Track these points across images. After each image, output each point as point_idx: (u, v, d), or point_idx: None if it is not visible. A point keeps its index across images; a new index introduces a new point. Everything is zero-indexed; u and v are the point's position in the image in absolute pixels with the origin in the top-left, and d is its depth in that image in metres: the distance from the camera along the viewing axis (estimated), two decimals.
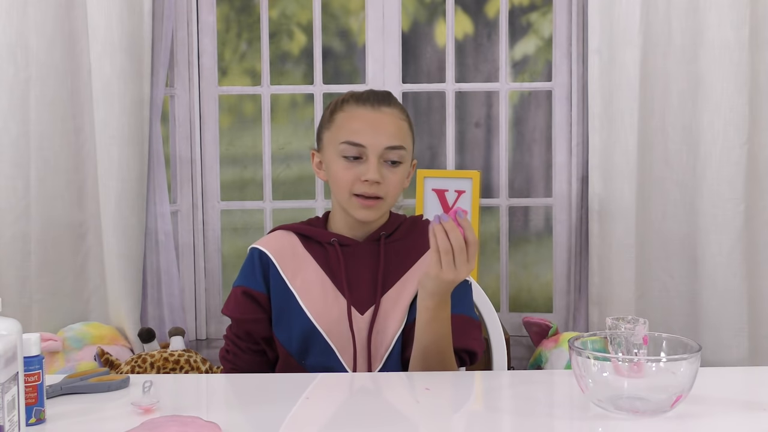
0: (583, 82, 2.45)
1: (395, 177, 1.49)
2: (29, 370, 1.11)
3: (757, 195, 2.30)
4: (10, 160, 2.32)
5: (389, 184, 1.48)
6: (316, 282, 1.50)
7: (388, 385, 1.37)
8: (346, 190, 1.48)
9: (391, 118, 1.49)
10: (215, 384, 1.38)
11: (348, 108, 1.50)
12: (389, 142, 1.47)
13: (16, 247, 2.33)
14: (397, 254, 1.52)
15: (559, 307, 2.55)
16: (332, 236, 1.53)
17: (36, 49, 2.31)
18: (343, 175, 1.48)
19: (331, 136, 1.51)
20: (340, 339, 1.48)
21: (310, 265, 1.52)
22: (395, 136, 1.48)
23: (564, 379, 1.43)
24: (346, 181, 1.48)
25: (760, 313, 2.32)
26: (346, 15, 2.70)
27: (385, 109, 1.50)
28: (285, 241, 1.55)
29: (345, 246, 1.52)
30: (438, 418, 1.21)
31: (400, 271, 1.51)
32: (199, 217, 2.56)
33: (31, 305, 2.36)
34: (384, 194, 1.48)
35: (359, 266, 1.50)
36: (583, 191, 2.47)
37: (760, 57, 2.26)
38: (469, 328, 1.49)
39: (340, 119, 1.50)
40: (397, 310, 1.48)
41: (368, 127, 1.47)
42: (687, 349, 1.17)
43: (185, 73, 2.53)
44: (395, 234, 1.54)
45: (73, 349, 2.25)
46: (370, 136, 1.46)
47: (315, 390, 1.34)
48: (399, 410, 1.23)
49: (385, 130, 1.48)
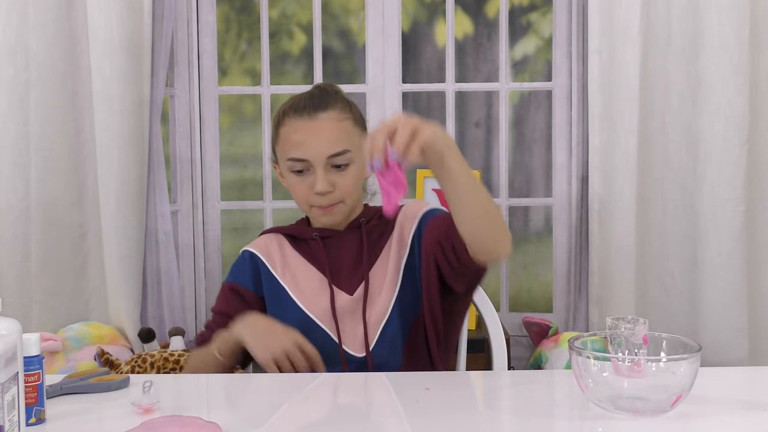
0: (583, 82, 2.45)
1: (346, 180, 1.48)
2: (29, 370, 1.11)
3: (757, 195, 2.29)
4: (10, 160, 2.32)
5: (342, 188, 1.48)
6: (304, 275, 1.53)
7: (388, 385, 1.37)
8: (303, 202, 1.52)
9: (330, 123, 1.47)
10: (215, 384, 1.38)
11: (288, 121, 1.50)
12: (330, 149, 1.46)
13: (16, 248, 2.33)
14: (377, 235, 1.55)
15: (559, 307, 2.55)
16: (314, 231, 1.55)
17: (36, 50, 2.31)
18: (297, 189, 1.51)
19: (280, 151, 1.52)
20: (332, 323, 1.49)
21: (298, 261, 1.55)
22: (336, 142, 1.47)
23: (564, 379, 1.43)
24: (300, 195, 1.50)
25: (760, 313, 2.32)
26: (346, 15, 2.70)
27: (321, 115, 1.48)
28: (273, 242, 1.58)
29: (327, 238, 1.55)
30: (438, 418, 1.21)
31: (381, 247, 1.53)
32: (199, 217, 2.56)
33: (31, 305, 2.36)
34: (340, 197, 1.49)
35: (344, 252, 1.54)
36: (583, 191, 2.47)
37: (760, 57, 2.26)
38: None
39: (283, 134, 1.51)
40: (387, 280, 1.50)
41: (307, 138, 1.47)
42: (687, 349, 1.17)
43: (185, 73, 2.53)
44: (372, 221, 1.57)
45: (73, 349, 2.25)
46: (311, 148, 1.46)
47: (315, 390, 1.34)
48: (399, 410, 1.23)
49: (324, 138, 1.46)
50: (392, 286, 1.50)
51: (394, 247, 1.54)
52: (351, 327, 1.50)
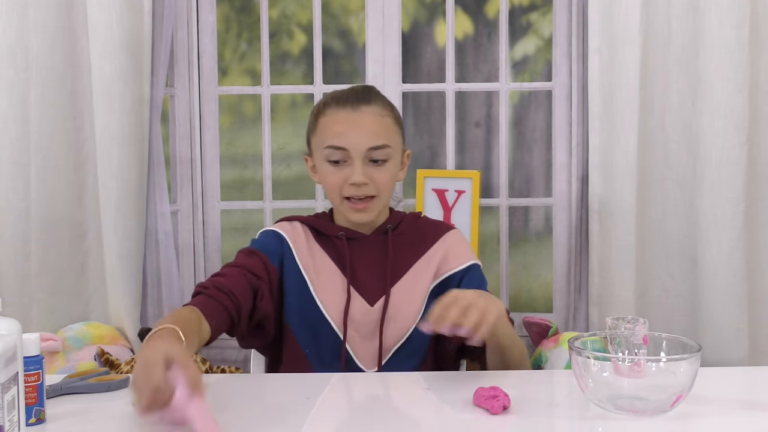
0: (583, 82, 2.45)
1: (383, 175, 1.49)
2: (29, 370, 1.11)
3: (757, 195, 2.29)
4: (10, 160, 2.32)
5: (378, 183, 1.48)
6: (328, 274, 1.51)
7: (388, 385, 1.37)
8: (336, 194, 1.49)
9: (372, 117, 1.48)
10: (215, 384, 1.38)
11: (329, 111, 1.50)
12: (371, 142, 1.46)
13: (16, 247, 2.33)
14: (403, 247, 1.54)
15: (559, 307, 2.55)
16: (340, 230, 1.54)
17: (36, 50, 2.31)
18: (331, 179, 1.49)
19: (317, 141, 1.52)
20: (350, 331, 1.48)
21: (323, 257, 1.52)
22: (377, 136, 1.47)
23: (564, 379, 1.43)
24: (334, 185, 1.48)
25: (760, 313, 2.32)
26: (346, 15, 2.70)
27: (364, 108, 1.48)
28: (299, 229, 1.55)
29: (352, 239, 1.53)
30: (438, 418, 1.21)
31: (407, 262, 1.52)
32: (199, 217, 2.56)
33: (31, 305, 2.36)
34: (375, 192, 1.48)
35: (368, 259, 1.52)
36: (583, 191, 2.47)
37: (760, 57, 2.26)
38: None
39: (322, 123, 1.51)
40: (410, 302, 1.49)
41: (349, 128, 1.47)
42: (687, 349, 1.17)
43: (185, 73, 2.53)
44: (399, 228, 1.55)
45: (73, 349, 2.25)
46: (352, 138, 1.46)
47: (315, 390, 1.34)
48: (399, 410, 1.23)
49: (367, 130, 1.47)
50: (416, 309, 1.49)
51: (424, 269, 1.52)
52: (364, 341, 1.49)
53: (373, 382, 1.41)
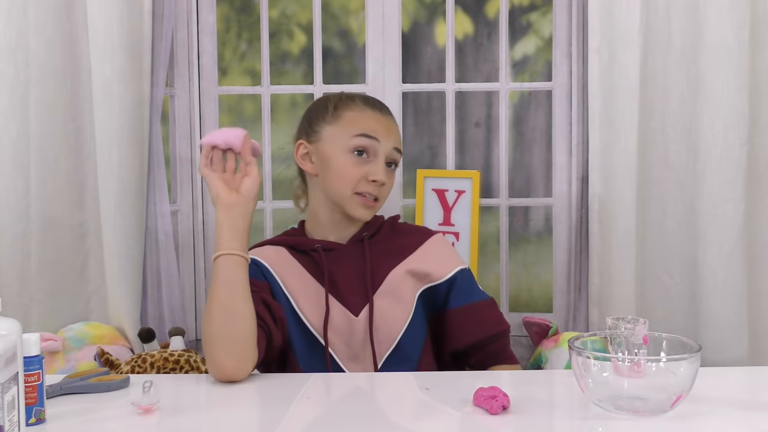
0: (583, 82, 2.46)
1: (392, 180, 1.58)
2: (29, 370, 1.11)
3: (757, 195, 2.29)
4: (10, 160, 2.32)
5: (387, 187, 1.54)
6: (309, 289, 1.50)
7: (388, 385, 1.37)
8: (349, 186, 1.50)
9: (395, 126, 1.59)
10: (215, 384, 1.38)
11: (357, 108, 1.55)
12: (396, 143, 1.56)
13: (16, 247, 2.33)
14: (382, 253, 1.54)
15: (559, 307, 2.55)
16: (315, 242, 1.53)
17: (36, 50, 2.31)
18: (352, 171, 1.50)
19: (338, 131, 1.53)
20: (339, 344, 1.48)
21: (302, 274, 1.52)
22: (399, 141, 1.58)
23: (564, 379, 1.43)
24: (353, 177, 1.50)
25: (760, 313, 2.32)
26: (346, 15, 2.70)
27: (390, 118, 1.59)
28: (274, 252, 1.56)
29: (330, 250, 1.53)
30: (438, 418, 1.21)
31: (387, 268, 1.52)
32: (199, 217, 2.56)
33: (31, 305, 2.36)
34: (384, 195, 1.52)
35: (347, 268, 1.51)
36: (583, 191, 2.47)
37: (760, 57, 2.26)
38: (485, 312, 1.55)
39: (350, 116, 1.53)
40: (396, 308, 1.49)
41: (381, 127, 1.55)
42: (687, 349, 1.17)
43: (185, 73, 2.53)
44: (378, 235, 1.56)
45: (73, 349, 2.25)
46: (383, 136, 1.52)
47: (315, 390, 1.34)
48: (399, 410, 1.24)
49: (393, 134, 1.57)
50: (403, 315, 1.50)
51: (408, 274, 1.52)
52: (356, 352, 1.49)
53: (373, 382, 1.41)
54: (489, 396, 1.17)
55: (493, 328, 1.54)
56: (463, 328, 1.52)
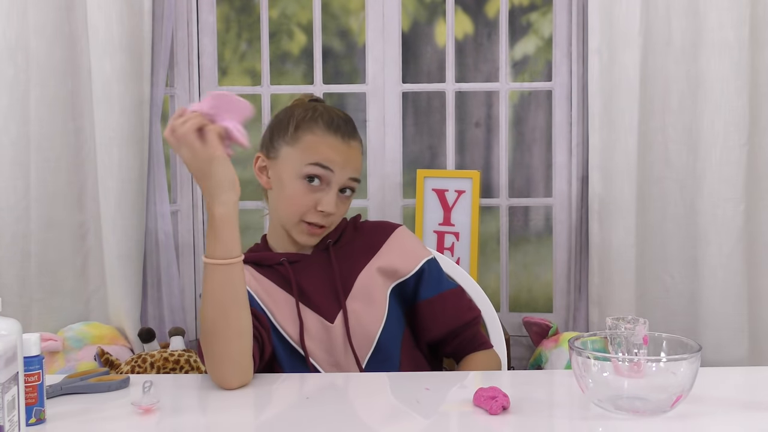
0: (583, 82, 2.46)
1: (345, 207, 1.52)
2: (29, 370, 1.11)
3: (757, 195, 2.30)
4: (10, 160, 2.32)
5: (337, 215, 1.50)
6: (282, 302, 1.49)
7: (388, 385, 1.37)
8: (296, 214, 1.47)
9: (356, 152, 1.51)
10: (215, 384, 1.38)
11: (319, 132, 1.48)
12: (353, 173, 1.49)
13: (16, 247, 2.33)
14: (348, 257, 1.52)
15: (559, 307, 2.55)
16: (280, 256, 1.52)
17: (36, 50, 2.31)
18: (301, 199, 1.46)
19: (295, 154, 1.48)
20: (319, 352, 1.48)
21: (272, 287, 1.50)
22: (357, 170, 1.51)
23: (564, 379, 1.43)
24: (300, 205, 1.46)
25: (760, 313, 2.32)
26: (346, 15, 2.70)
27: (352, 143, 1.50)
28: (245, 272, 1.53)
29: (295, 262, 1.51)
30: (438, 418, 1.21)
31: (356, 270, 1.51)
32: (199, 217, 2.56)
33: (31, 305, 2.36)
34: (332, 222, 1.49)
35: (314, 278, 1.50)
36: (583, 191, 2.47)
37: (760, 57, 2.26)
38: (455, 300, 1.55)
39: (309, 140, 1.48)
40: (371, 308, 1.49)
41: (339, 157, 1.47)
42: (687, 349, 1.17)
43: (185, 73, 2.53)
44: (342, 239, 1.55)
45: (73, 349, 2.25)
46: (339, 167, 1.47)
47: (315, 390, 1.34)
48: (399, 410, 1.23)
49: (352, 164, 1.49)
50: (378, 314, 1.49)
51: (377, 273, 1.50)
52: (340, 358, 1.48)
53: (373, 381, 1.41)
54: (489, 396, 1.17)
55: (463, 316, 1.54)
56: (434, 319, 1.52)
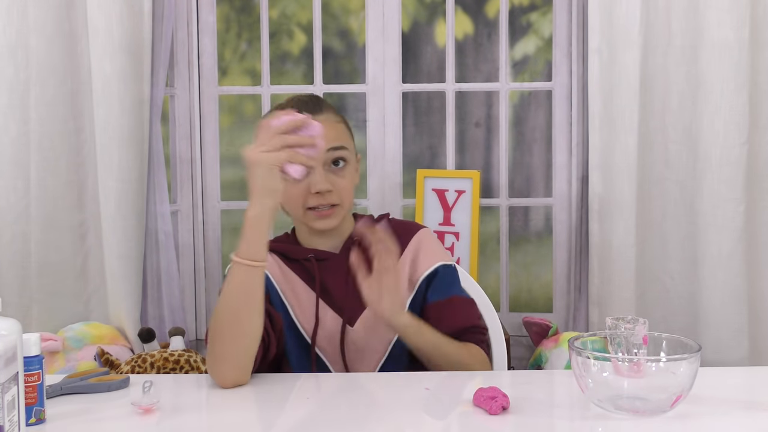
0: (583, 82, 2.45)
1: (344, 180, 1.47)
2: (29, 370, 1.11)
3: (757, 195, 2.29)
4: (10, 160, 2.32)
5: (340, 189, 1.46)
6: (306, 299, 1.48)
7: (388, 385, 1.37)
8: (298, 205, 1.46)
9: (327, 123, 1.44)
10: (212, 385, 1.38)
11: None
12: (332, 143, 1.45)
13: (16, 247, 2.33)
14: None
15: (559, 307, 2.55)
16: (308, 252, 1.51)
17: (36, 50, 2.31)
18: (293, 191, 1.44)
19: None
20: (335, 355, 1.47)
21: (297, 283, 1.50)
22: (334, 138, 1.46)
23: (564, 379, 1.43)
24: (296, 196, 1.45)
25: (760, 313, 2.32)
26: (346, 15, 2.70)
27: (320, 117, 1.45)
28: (270, 258, 1.51)
29: (322, 260, 1.50)
30: (437, 418, 1.21)
31: None
32: (199, 217, 2.56)
33: (31, 305, 2.36)
34: (338, 200, 1.47)
35: (340, 278, 1.49)
36: (583, 191, 2.47)
37: (760, 57, 2.26)
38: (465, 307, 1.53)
39: None
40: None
41: None
42: (687, 349, 1.17)
43: (185, 73, 2.53)
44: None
45: (73, 349, 2.25)
46: None
47: (315, 390, 1.34)
48: (398, 410, 1.23)
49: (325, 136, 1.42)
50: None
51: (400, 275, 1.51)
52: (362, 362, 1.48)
53: (373, 382, 1.41)
54: (489, 396, 1.17)
55: (470, 321, 1.52)
56: (439, 320, 1.49)
